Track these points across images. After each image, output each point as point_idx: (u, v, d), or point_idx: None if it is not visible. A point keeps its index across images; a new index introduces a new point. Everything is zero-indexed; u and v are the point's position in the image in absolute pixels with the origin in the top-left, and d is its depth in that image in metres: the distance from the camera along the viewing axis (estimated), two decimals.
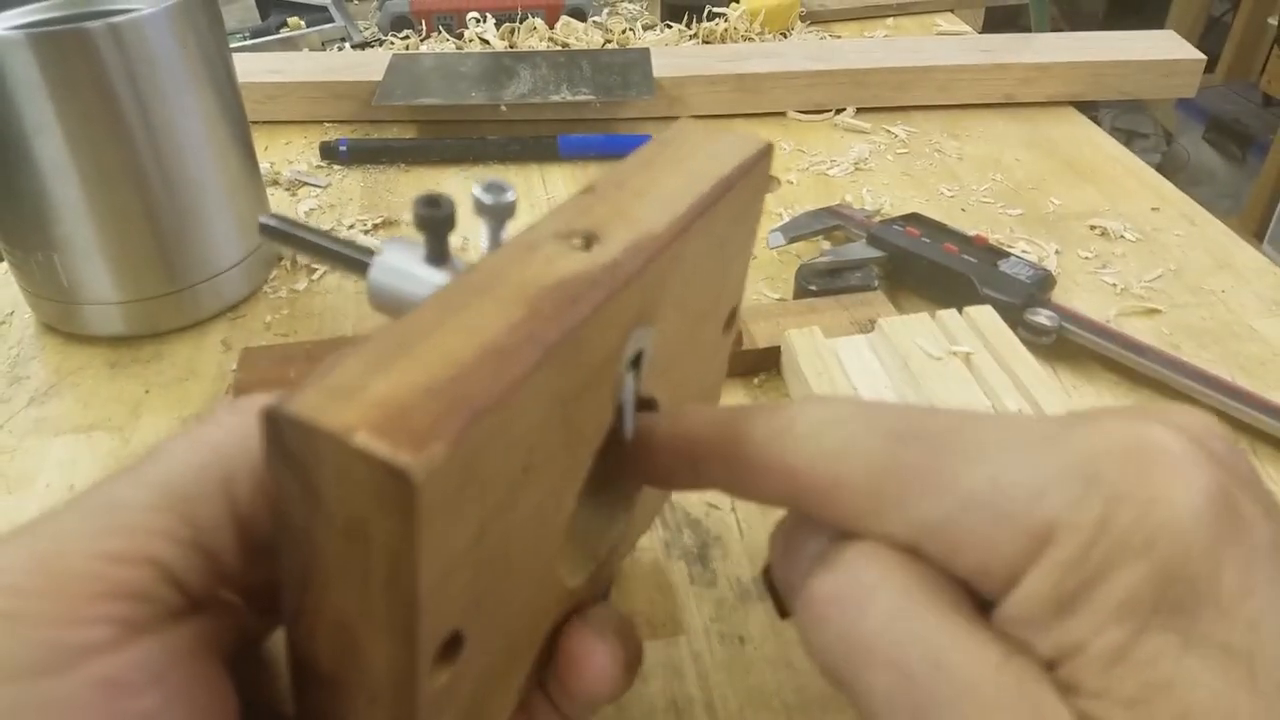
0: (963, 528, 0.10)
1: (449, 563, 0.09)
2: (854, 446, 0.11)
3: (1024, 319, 0.27)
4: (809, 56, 0.42)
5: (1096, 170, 0.37)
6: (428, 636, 0.09)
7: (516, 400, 0.09)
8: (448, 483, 0.08)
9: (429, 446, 0.08)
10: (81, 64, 0.24)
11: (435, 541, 0.08)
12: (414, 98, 0.39)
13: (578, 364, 0.10)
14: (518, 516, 0.10)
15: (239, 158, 0.29)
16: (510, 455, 0.09)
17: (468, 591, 0.09)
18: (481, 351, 0.09)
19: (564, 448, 0.11)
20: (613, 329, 0.11)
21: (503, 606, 0.11)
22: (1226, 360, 0.27)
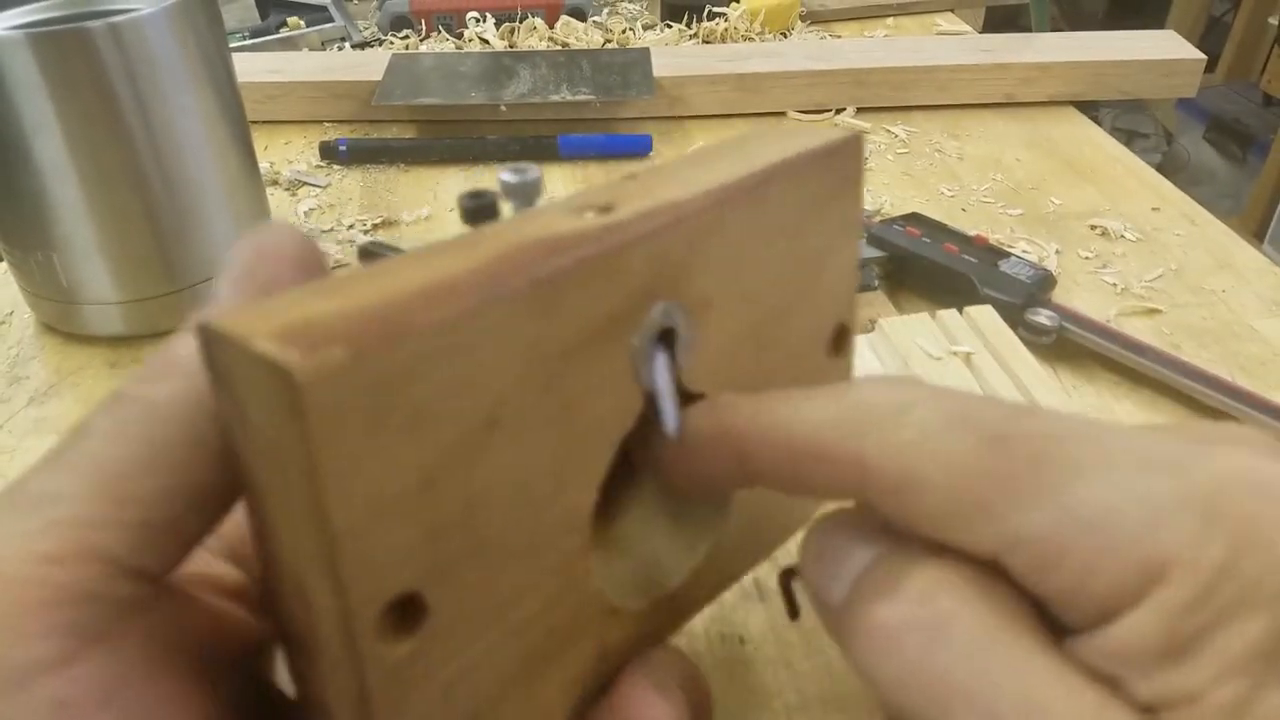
0: (1061, 546, 0.09)
1: (378, 500, 0.08)
2: (939, 442, 0.09)
3: (1024, 319, 0.27)
4: (809, 56, 0.42)
5: (1097, 170, 0.37)
6: (360, 585, 0.08)
7: (460, 334, 0.08)
8: (351, 396, 0.08)
9: (324, 349, 0.07)
10: (81, 64, 0.24)
11: (345, 466, 0.08)
12: (414, 97, 0.39)
13: (558, 318, 0.09)
14: (490, 482, 0.09)
15: (238, 157, 0.29)
16: (462, 399, 0.09)
17: (421, 548, 0.09)
18: (428, 285, 0.08)
19: (557, 417, 0.10)
20: (611, 290, 0.10)
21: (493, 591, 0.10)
22: (1227, 360, 0.27)
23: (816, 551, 0.11)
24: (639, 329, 0.11)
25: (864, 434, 0.10)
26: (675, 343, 0.11)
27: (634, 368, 0.11)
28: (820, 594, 0.11)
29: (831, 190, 0.13)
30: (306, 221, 0.34)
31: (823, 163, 0.13)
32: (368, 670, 0.09)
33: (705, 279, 0.11)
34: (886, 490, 0.10)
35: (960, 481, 0.09)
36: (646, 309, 0.11)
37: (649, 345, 0.11)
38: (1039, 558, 0.09)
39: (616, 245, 0.10)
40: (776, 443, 0.10)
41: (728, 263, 0.12)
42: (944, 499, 0.09)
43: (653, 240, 0.10)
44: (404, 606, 0.09)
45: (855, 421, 0.10)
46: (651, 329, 0.11)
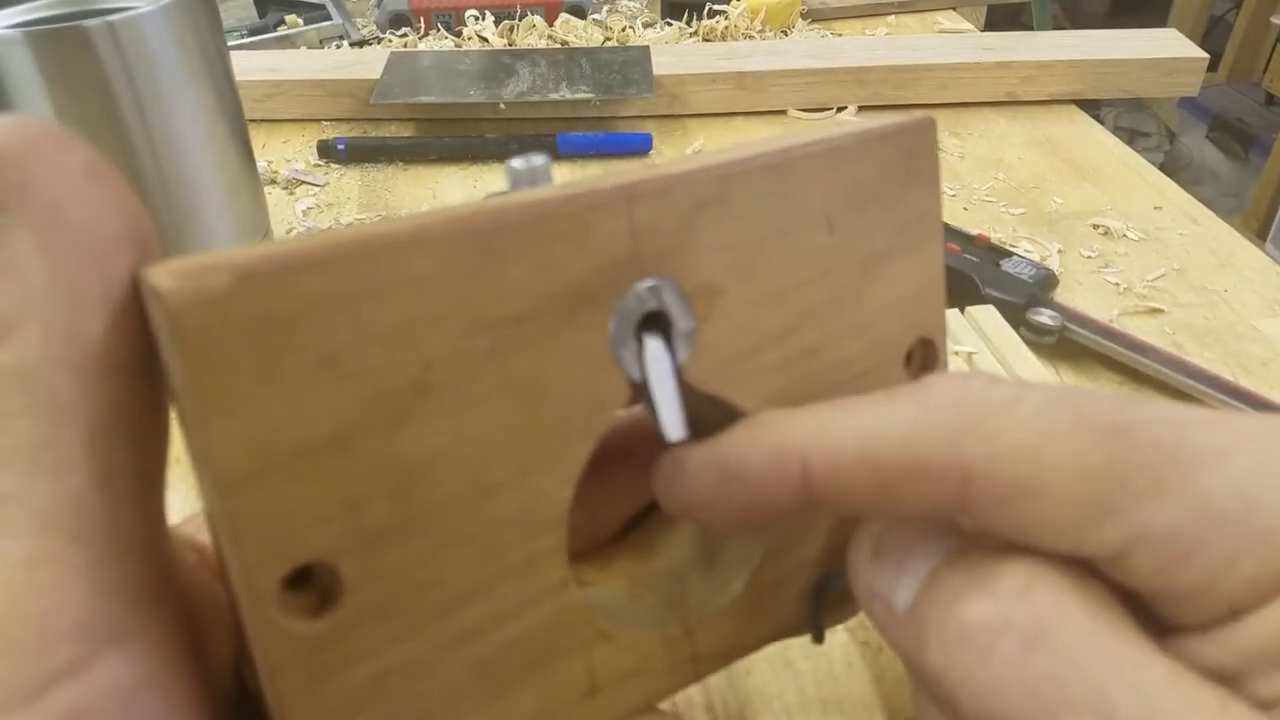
0: (1193, 538, 0.08)
1: (273, 451, 0.07)
2: (1056, 443, 0.08)
3: (1026, 319, 0.27)
4: (810, 54, 0.42)
5: (1099, 169, 0.37)
6: (257, 544, 0.08)
7: (370, 277, 0.08)
8: (238, 327, 0.07)
9: (206, 276, 0.07)
10: (79, 62, 0.24)
11: (232, 406, 0.07)
12: (412, 96, 0.39)
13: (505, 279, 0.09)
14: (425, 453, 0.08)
15: (237, 156, 0.29)
16: (382, 351, 0.08)
17: (337, 518, 0.08)
18: (359, 235, 0.08)
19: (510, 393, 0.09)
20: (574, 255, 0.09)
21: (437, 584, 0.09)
22: (1229, 360, 0.27)
23: (873, 551, 0.10)
24: (618, 309, 0.10)
25: (966, 441, 0.09)
26: (671, 331, 0.10)
27: (614, 353, 0.10)
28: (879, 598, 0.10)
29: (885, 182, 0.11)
30: (305, 220, 0.34)
31: (870, 147, 0.11)
32: (270, 645, 0.08)
33: (710, 262, 0.10)
34: (994, 501, 0.09)
35: (1083, 483, 0.08)
36: (626, 286, 0.10)
37: (633, 328, 0.10)
38: (1168, 554, 0.08)
39: (577, 208, 0.09)
40: (853, 459, 0.09)
41: (743, 250, 0.10)
42: (1065, 504, 0.08)
43: (629, 208, 0.09)
44: (316, 580, 0.08)
45: (952, 427, 0.09)
46: (634, 309, 0.10)
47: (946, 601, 0.09)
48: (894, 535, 0.10)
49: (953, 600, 0.09)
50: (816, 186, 0.11)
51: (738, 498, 0.10)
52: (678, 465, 0.10)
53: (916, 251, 0.12)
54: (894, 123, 0.11)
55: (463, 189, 0.36)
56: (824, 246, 0.11)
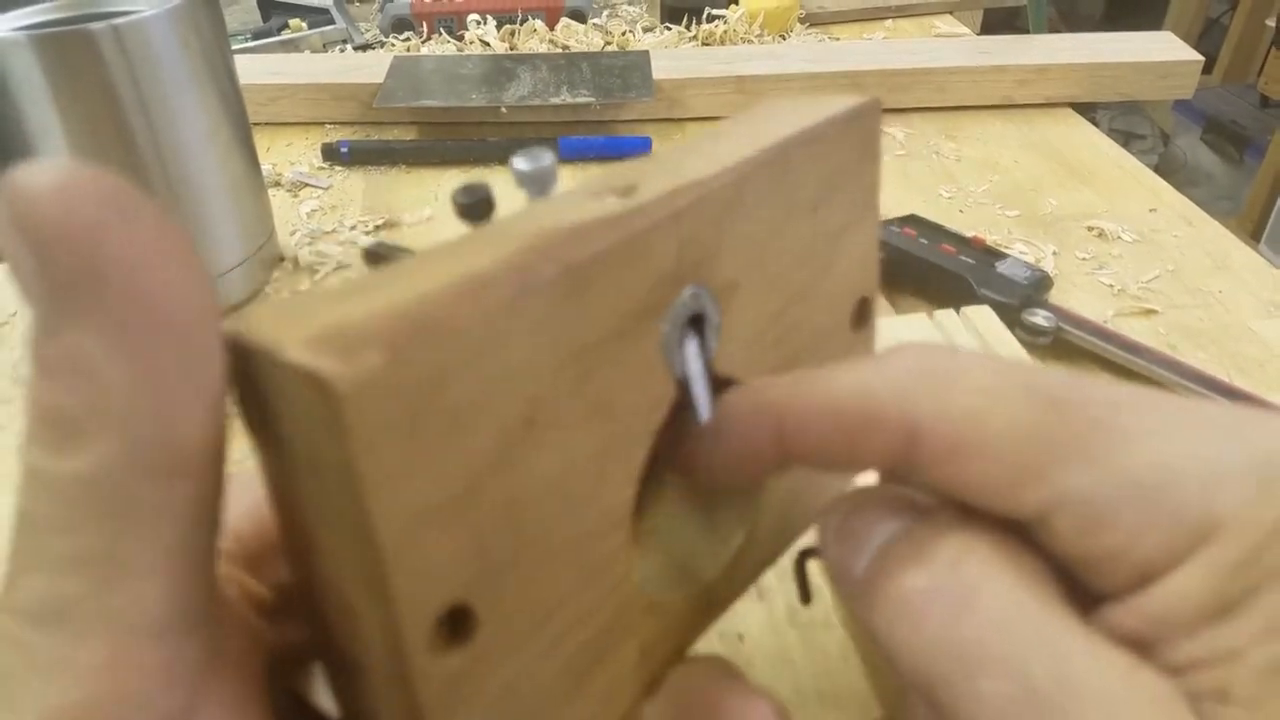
0: (1111, 506, 0.09)
1: (421, 510, 0.08)
2: (995, 404, 0.09)
3: (1021, 319, 0.27)
4: (808, 58, 0.42)
5: (1094, 172, 0.37)
6: (410, 600, 0.08)
7: (493, 330, 0.08)
8: (392, 402, 0.07)
9: (361, 354, 0.07)
10: (84, 65, 0.25)
11: (388, 476, 0.07)
12: (415, 100, 0.39)
13: (589, 309, 0.09)
14: (531, 482, 0.09)
15: (241, 159, 0.29)
16: (499, 399, 0.08)
17: (467, 558, 0.08)
18: (456, 280, 0.08)
19: (591, 412, 0.09)
20: (640, 275, 0.10)
21: (540, 597, 0.09)
22: (1223, 361, 0.27)
23: (839, 527, 0.11)
24: (668, 315, 0.10)
25: (916, 398, 0.09)
26: (705, 327, 0.11)
27: (664, 356, 0.10)
28: (842, 569, 0.11)
29: (852, 160, 0.12)
30: (309, 222, 0.35)
31: (842, 131, 0.12)
32: (420, 687, 0.08)
33: (731, 260, 0.11)
34: (938, 456, 0.09)
35: (1016, 445, 0.09)
36: (675, 294, 0.10)
37: (679, 331, 0.10)
38: (1088, 517, 0.09)
39: (643, 228, 0.09)
40: (819, 412, 0.10)
41: (751, 242, 0.11)
42: (998, 463, 0.09)
43: (678, 221, 0.10)
44: (454, 618, 0.09)
45: (906, 386, 0.10)
46: (681, 314, 0.10)
47: (890, 571, 0.10)
48: (855, 515, 0.11)
49: (895, 569, 0.10)
50: (807, 174, 0.12)
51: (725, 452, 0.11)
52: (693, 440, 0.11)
53: (865, 221, 0.13)
54: (856, 105, 0.12)
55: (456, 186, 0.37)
56: (810, 229, 0.12)
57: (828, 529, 0.11)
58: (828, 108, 0.12)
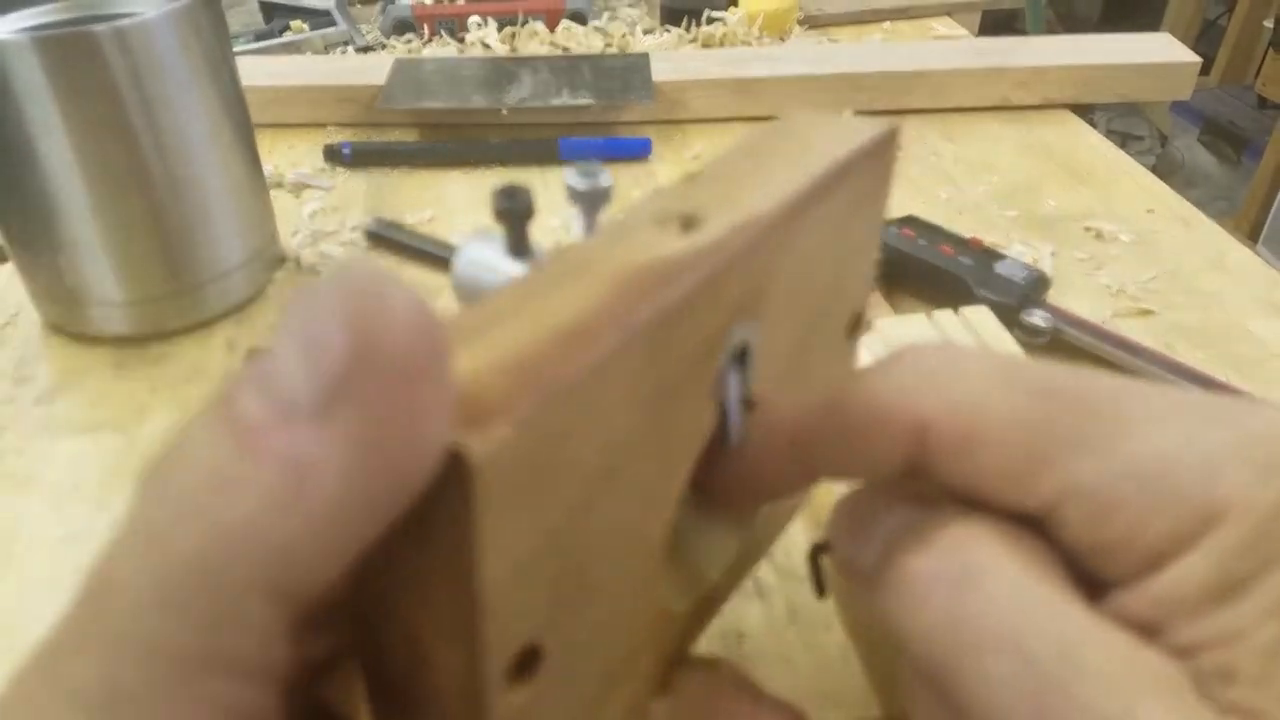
0: (1117, 495, 0.09)
1: (517, 565, 0.08)
2: (996, 399, 0.09)
3: (1019, 320, 0.27)
4: (807, 60, 0.42)
5: (1092, 173, 0.37)
6: (497, 647, 0.08)
7: (595, 385, 0.08)
8: (513, 470, 0.07)
9: (491, 426, 0.07)
10: (86, 67, 0.25)
11: (500, 538, 0.07)
12: (417, 101, 0.39)
13: (669, 353, 0.09)
14: (600, 524, 0.09)
15: (243, 160, 0.29)
16: (589, 449, 0.08)
17: (543, 602, 0.09)
18: (558, 332, 0.08)
19: (655, 451, 0.10)
20: (710, 317, 0.10)
21: (591, 626, 0.10)
22: (1221, 361, 0.27)
23: (848, 521, 0.11)
24: (724, 350, 0.10)
25: (921, 395, 0.10)
26: (747, 355, 0.11)
27: (715, 386, 0.11)
28: (852, 560, 0.11)
29: (872, 187, 0.13)
30: (311, 223, 0.35)
31: (869, 159, 0.12)
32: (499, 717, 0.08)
33: (774, 292, 0.11)
34: (948, 449, 0.10)
35: (1024, 435, 0.09)
36: (731, 330, 0.10)
37: (729, 363, 0.11)
38: (1095, 507, 0.09)
39: (719, 270, 0.10)
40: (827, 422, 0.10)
41: (793, 273, 0.11)
42: (1003, 453, 0.09)
43: (745, 260, 0.10)
44: (526, 656, 0.09)
45: (909, 385, 0.10)
46: (733, 347, 0.11)
47: (897, 556, 0.10)
48: (863, 509, 0.11)
49: (901, 555, 0.10)
50: (839, 204, 0.12)
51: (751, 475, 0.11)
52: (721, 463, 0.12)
53: (874, 240, 0.14)
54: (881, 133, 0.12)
55: (466, 192, 0.37)
56: (834, 254, 0.12)
57: (838, 523, 0.11)
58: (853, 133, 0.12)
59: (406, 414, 0.07)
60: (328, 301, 0.07)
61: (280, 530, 0.07)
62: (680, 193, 0.11)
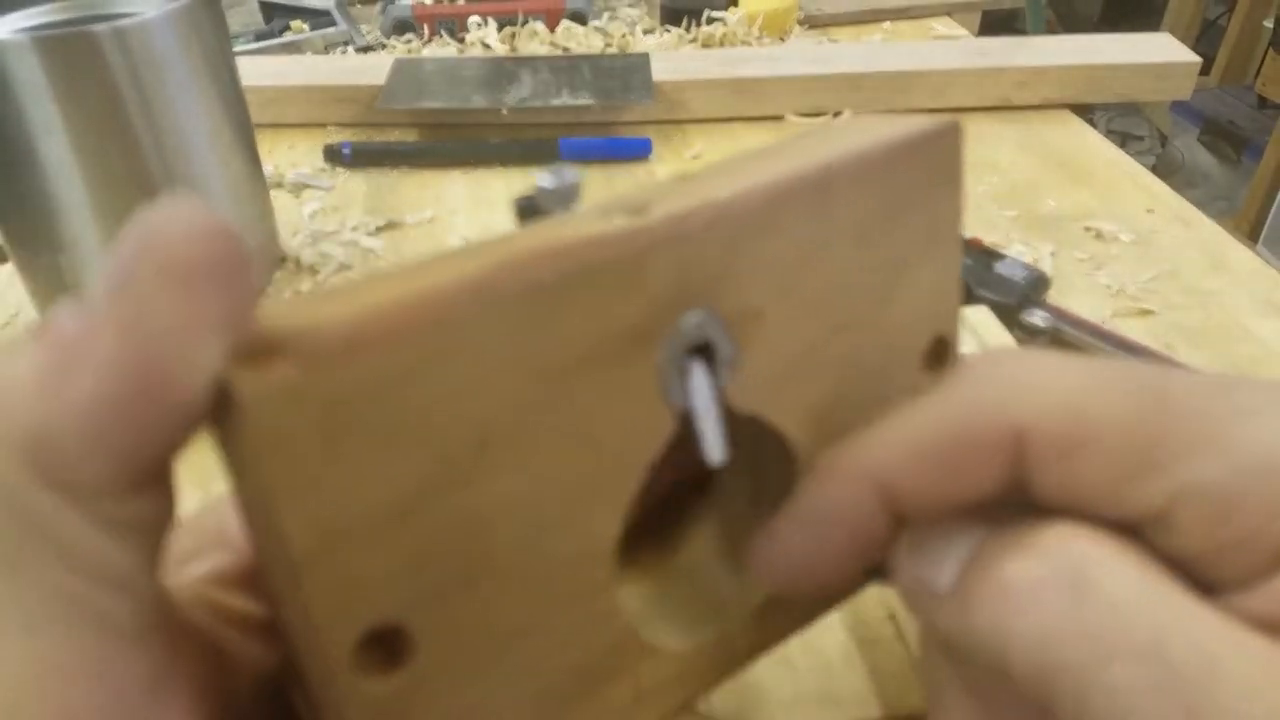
0: (1238, 493, 0.08)
1: (343, 527, 0.07)
2: (1096, 400, 0.09)
3: (1019, 320, 0.27)
4: (807, 60, 0.42)
5: (1092, 173, 0.37)
6: (330, 615, 0.08)
7: (433, 345, 0.08)
8: (303, 414, 0.07)
9: (272, 364, 0.07)
10: (86, 67, 0.25)
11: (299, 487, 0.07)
12: (417, 101, 0.39)
13: (562, 330, 0.08)
14: (488, 508, 0.08)
15: (243, 160, 0.29)
16: (444, 417, 0.08)
17: (404, 580, 0.08)
18: (407, 294, 0.08)
19: (566, 439, 0.09)
20: (628, 299, 0.09)
21: (498, 627, 0.09)
22: (1221, 360, 0.27)
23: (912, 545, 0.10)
24: (666, 343, 0.09)
25: (1015, 404, 0.09)
26: (714, 359, 0.10)
27: (661, 386, 0.10)
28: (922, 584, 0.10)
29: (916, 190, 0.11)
30: (311, 223, 0.35)
31: (903, 158, 0.11)
32: (348, 707, 0.08)
33: (754, 288, 0.10)
34: (1049, 458, 0.09)
35: (1127, 438, 0.09)
36: (674, 320, 0.09)
37: (680, 361, 0.10)
38: (1213, 507, 0.08)
39: (634, 250, 0.09)
40: (921, 449, 0.09)
41: (783, 270, 0.10)
42: (1109, 457, 0.09)
43: (681, 244, 0.09)
44: (387, 640, 0.08)
45: (1000, 396, 0.09)
46: (682, 343, 0.10)
47: (992, 566, 0.09)
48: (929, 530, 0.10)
49: (998, 564, 0.09)
50: (853, 200, 0.11)
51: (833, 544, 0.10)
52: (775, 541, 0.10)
53: (939, 252, 0.12)
54: (921, 129, 0.11)
55: (466, 192, 0.37)
56: (858, 259, 0.11)
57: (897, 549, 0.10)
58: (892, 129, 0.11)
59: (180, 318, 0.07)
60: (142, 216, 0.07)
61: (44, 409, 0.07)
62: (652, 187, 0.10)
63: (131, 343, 0.07)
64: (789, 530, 0.10)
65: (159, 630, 0.08)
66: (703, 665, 0.11)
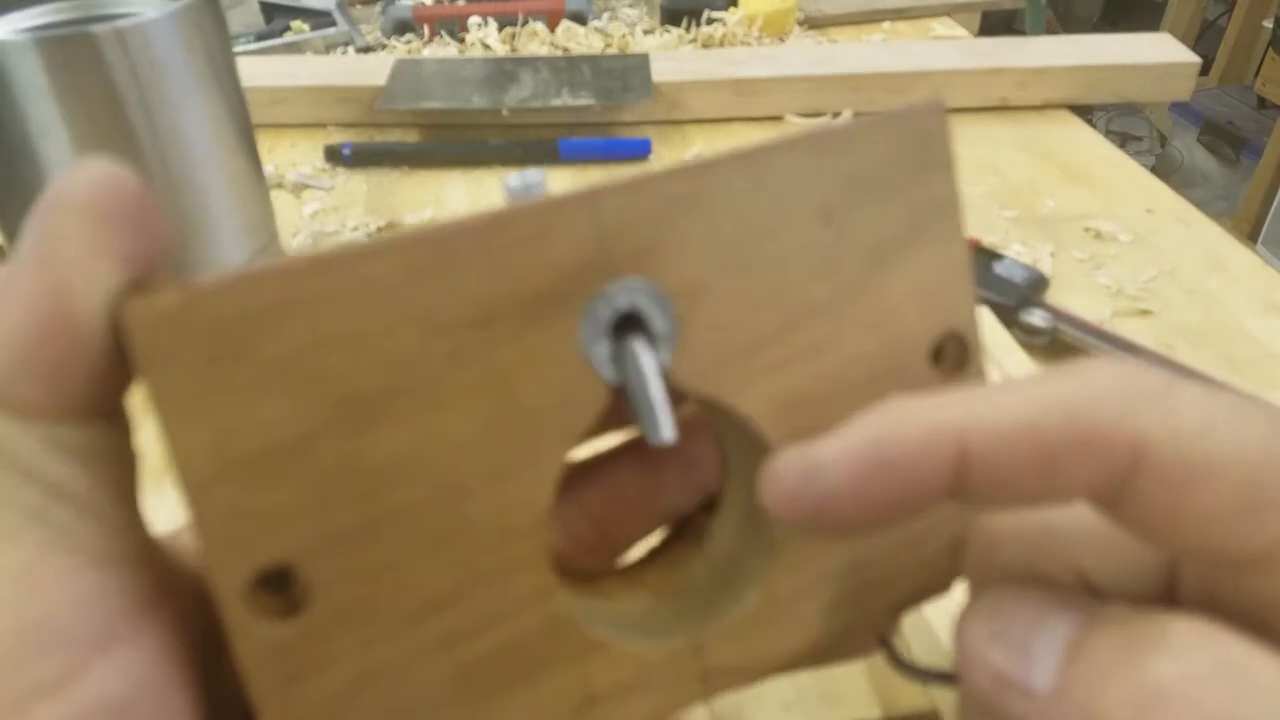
0: None
1: (234, 456, 0.08)
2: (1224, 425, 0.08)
3: (1019, 320, 0.27)
4: (806, 61, 0.42)
5: (1091, 173, 0.37)
6: (223, 547, 0.08)
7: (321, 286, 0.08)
8: (190, 338, 0.08)
9: (161, 295, 0.08)
10: (87, 68, 0.25)
11: (189, 412, 0.08)
12: (417, 102, 0.39)
13: (458, 286, 0.09)
14: (392, 458, 0.09)
15: (243, 161, 0.29)
16: (341, 359, 0.08)
17: (301, 522, 0.08)
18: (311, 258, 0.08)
19: (477, 397, 0.09)
20: (536, 260, 0.09)
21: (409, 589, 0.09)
22: (1220, 360, 0.27)
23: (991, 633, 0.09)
24: (588, 311, 0.09)
25: (1139, 416, 0.08)
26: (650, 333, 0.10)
27: (584, 354, 0.09)
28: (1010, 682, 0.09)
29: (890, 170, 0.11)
30: (311, 224, 0.35)
31: (867, 136, 0.11)
32: (244, 644, 0.08)
33: (692, 260, 0.10)
34: (1166, 481, 0.08)
35: (1254, 469, 0.08)
36: (596, 287, 0.09)
37: (604, 331, 0.10)
38: None
39: (536, 211, 0.09)
40: (1018, 431, 0.08)
41: (727, 244, 0.10)
42: (1232, 489, 0.08)
43: (596, 208, 0.09)
44: (279, 581, 0.08)
45: (1127, 403, 0.08)
46: (604, 311, 0.09)
47: (1115, 667, 0.08)
48: (1012, 613, 0.09)
49: (1122, 665, 0.08)
50: (806, 179, 0.10)
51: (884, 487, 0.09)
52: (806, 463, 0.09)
53: (933, 239, 0.11)
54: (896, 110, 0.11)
55: (466, 193, 0.37)
56: (823, 240, 0.11)
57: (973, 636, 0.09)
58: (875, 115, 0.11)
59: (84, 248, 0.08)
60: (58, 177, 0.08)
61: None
62: None
63: (44, 273, 0.08)
64: (839, 454, 0.09)
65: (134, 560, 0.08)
66: (668, 679, 0.11)
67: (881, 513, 0.09)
